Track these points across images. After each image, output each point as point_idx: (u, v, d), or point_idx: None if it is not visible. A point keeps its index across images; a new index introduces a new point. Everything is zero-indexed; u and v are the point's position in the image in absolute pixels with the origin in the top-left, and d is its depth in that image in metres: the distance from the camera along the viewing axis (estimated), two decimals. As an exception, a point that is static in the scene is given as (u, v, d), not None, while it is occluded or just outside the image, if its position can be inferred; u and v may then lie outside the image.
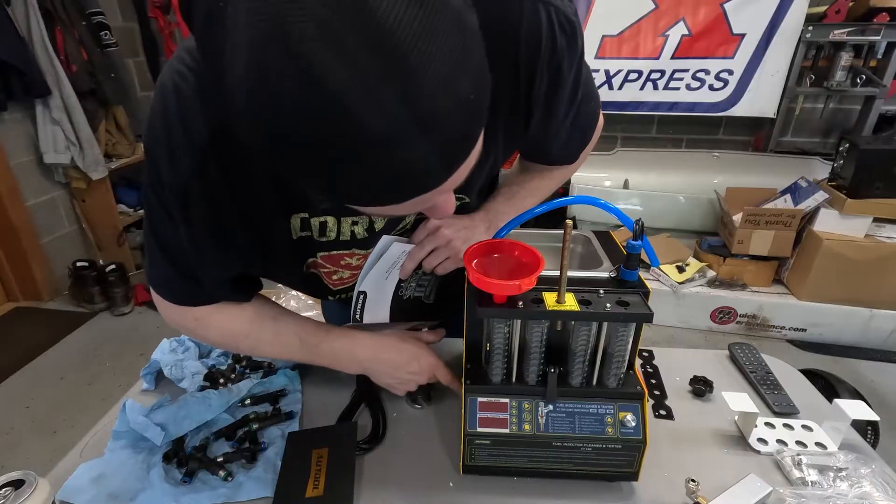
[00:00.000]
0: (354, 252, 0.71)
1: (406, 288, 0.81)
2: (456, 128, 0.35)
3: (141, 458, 0.72)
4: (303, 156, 0.35)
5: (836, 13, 2.49)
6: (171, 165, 0.55)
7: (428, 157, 0.35)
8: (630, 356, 0.64)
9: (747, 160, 2.83)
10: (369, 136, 0.32)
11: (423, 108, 0.32)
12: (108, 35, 2.74)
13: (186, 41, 0.54)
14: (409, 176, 0.36)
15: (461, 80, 0.34)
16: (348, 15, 0.29)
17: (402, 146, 0.33)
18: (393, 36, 0.30)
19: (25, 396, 2.09)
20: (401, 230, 0.73)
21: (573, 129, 0.71)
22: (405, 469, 0.71)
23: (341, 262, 0.72)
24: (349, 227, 0.67)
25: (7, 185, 2.46)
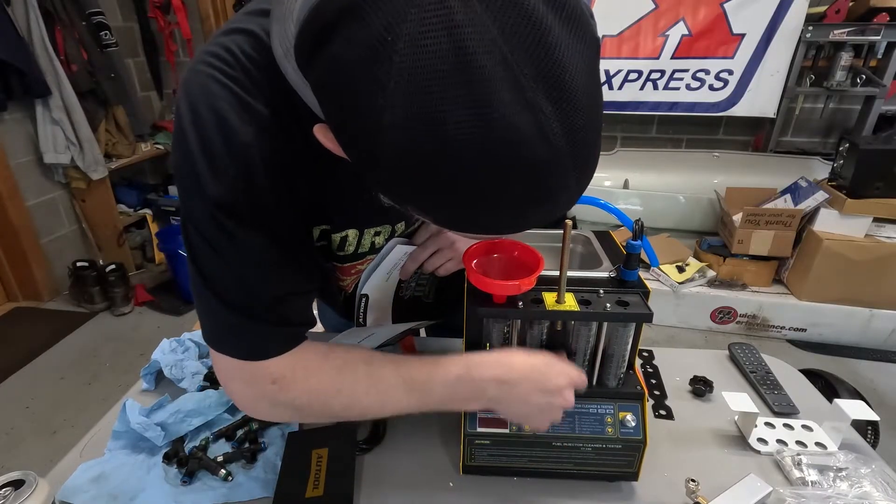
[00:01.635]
0: (368, 258, 0.71)
1: (406, 288, 0.81)
2: (594, 159, 0.38)
3: (141, 458, 0.72)
4: (452, 187, 0.35)
5: (836, 13, 2.49)
6: (216, 177, 0.47)
7: (571, 185, 0.36)
8: (630, 356, 0.64)
9: (747, 160, 2.83)
10: (530, 165, 0.33)
11: (579, 140, 0.34)
12: (108, 35, 2.74)
13: (205, 47, 0.50)
14: (554, 203, 0.37)
15: (600, 110, 0.37)
16: (525, 48, 0.31)
17: (557, 175, 0.35)
18: (565, 71, 0.32)
19: (25, 396, 2.09)
20: (409, 233, 0.73)
21: None
22: (405, 469, 0.71)
23: (352, 271, 0.73)
24: (370, 238, 0.67)
25: (7, 185, 2.46)
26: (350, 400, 0.59)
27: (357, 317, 0.79)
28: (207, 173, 0.47)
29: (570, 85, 0.33)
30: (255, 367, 0.56)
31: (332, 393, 0.58)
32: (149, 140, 3.09)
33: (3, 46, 2.26)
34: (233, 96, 0.47)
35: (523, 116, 0.32)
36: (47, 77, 2.41)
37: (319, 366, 0.59)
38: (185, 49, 3.19)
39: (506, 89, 0.31)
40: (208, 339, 0.56)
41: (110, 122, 2.83)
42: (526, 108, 0.31)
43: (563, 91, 0.32)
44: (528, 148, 0.32)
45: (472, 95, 0.31)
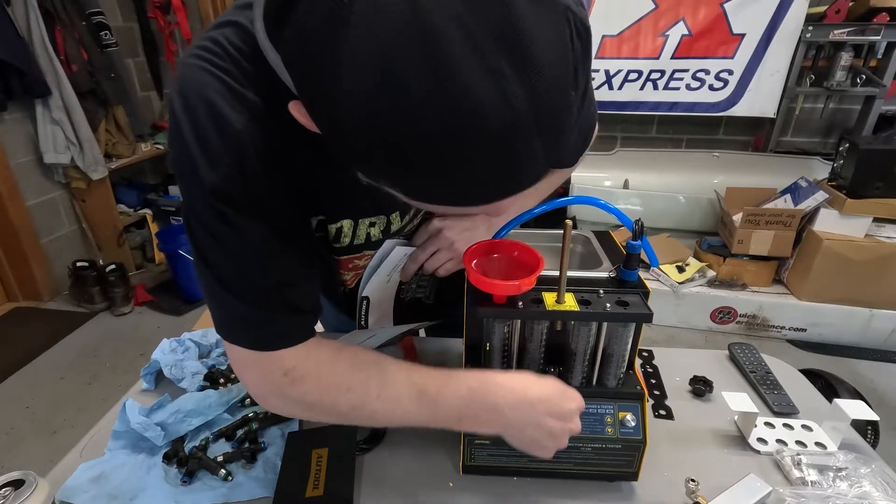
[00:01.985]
0: (365, 254, 0.71)
1: (407, 290, 0.81)
2: (562, 124, 0.37)
3: (141, 458, 0.72)
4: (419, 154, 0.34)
5: (836, 13, 2.49)
6: (211, 166, 0.48)
7: (538, 151, 0.36)
8: (630, 356, 0.64)
9: (747, 160, 2.83)
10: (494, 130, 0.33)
11: (542, 104, 0.34)
12: (108, 35, 2.74)
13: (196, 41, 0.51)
14: (521, 171, 0.37)
15: (568, 77, 0.36)
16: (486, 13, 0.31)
17: (521, 140, 0.34)
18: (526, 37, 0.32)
19: (25, 396, 2.09)
20: (408, 232, 0.73)
21: (579, 132, 0.71)
22: (405, 469, 0.71)
23: (350, 265, 0.73)
24: (365, 230, 0.66)
25: (7, 185, 2.46)
26: (359, 400, 0.58)
27: (359, 319, 0.79)
28: (203, 162, 0.48)
29: (533, 50, 0.32)
30: (267, 357, 0.55)
31: (342, 390, 0.57)
32: (149, 140, 3.09)
33: (3, 46, 2.26)
34: (223, 86, 0.47)
35: (484, 81, 0.31)
36: (47, 77, 2.41)
37: (331, 361, 0.58)
38: (185, 49, 3.19)
39: (466, 55, 0.31)
40: (219, 330, 0.56)
41: (110, 122, 2.84)
42: (487, 74, 0.31)
43: (525, 56, 0.32)
44: (491, 112, 0.32)
45: (431, 60, 0.31)
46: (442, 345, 0.96)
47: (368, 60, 0.32)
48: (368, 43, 0.31)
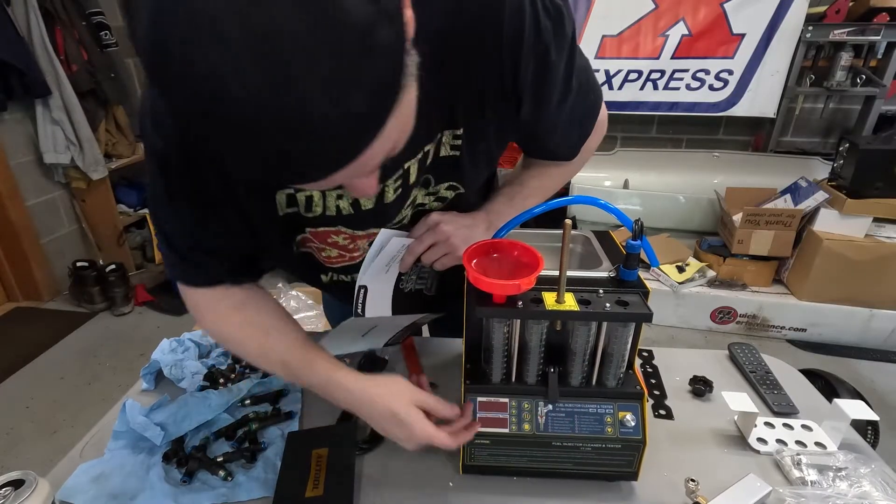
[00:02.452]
0: (341, 230, 0.70)
1: (407, 281, 0.81)
2: (338, 135, 0.36)
3: (141, 458, 0.73)
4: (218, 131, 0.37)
5: (836, 13, 2.49)
6: (156, 130, 0.57)
7: (302, 156, 0.37)
8: (630, 356, 0.64)
9: (747, 160, 2.83)
10: (244, 120, 0.34)
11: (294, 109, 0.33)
12: (108, 35, 2.74)
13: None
14: (285, 168, 0.38)
15: (349, 93, 0.34)
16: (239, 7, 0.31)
17: (277, 139, 0.35)
18: (279, 37, 0.31)
19: (25, 396, 2.09)
20: (398, 223, 0.72)
21: (571, 121, 0.70)
22: (405, 469, 0.71)
23: (328, 239, 0.71)
24: (334, 202, 0.66)
25: (7, 185, 2.46)
26: (242, 351, 0.72)
27: (356, 307, 0.78)
28: (150, 128, 0.58)
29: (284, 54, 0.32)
30: (182, 288, 0.70)
31: (229, 340, 0.72)
32: (149, 140, 3.09)
33: (3, 46, 2.26)
34: None
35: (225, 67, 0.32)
36: (47, 77, 2.41)
37: (228, 314, 0.70)
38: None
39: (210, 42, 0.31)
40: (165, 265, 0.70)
41: (110, 122, 2.83)
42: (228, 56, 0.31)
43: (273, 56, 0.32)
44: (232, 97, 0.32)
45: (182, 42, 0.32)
46: (442, 345, 0.96)
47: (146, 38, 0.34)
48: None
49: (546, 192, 0.81)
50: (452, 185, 0.71)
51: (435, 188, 0.71)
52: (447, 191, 0.72)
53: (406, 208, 0.71)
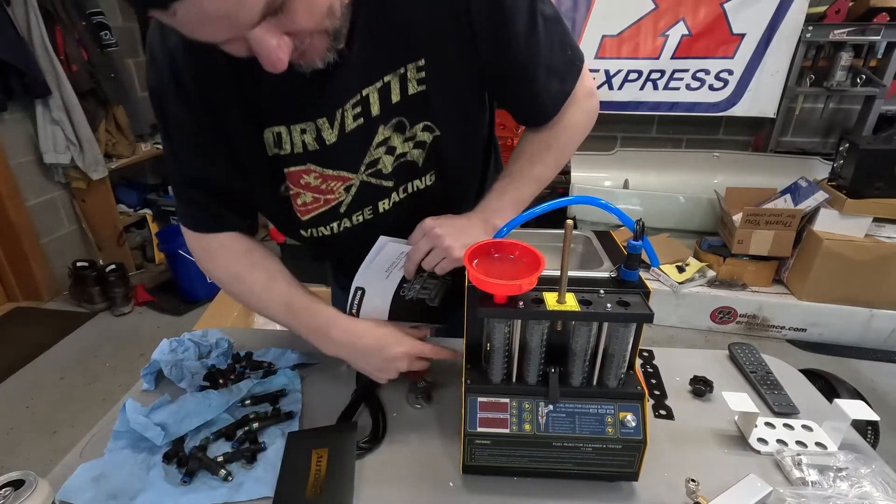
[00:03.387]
0: (310, 168, 0.70)
1: (409, 289, 0.81)
2: None
3: (141, 458, 0.72)
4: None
5: (836, 13, 2.49)
6: (152, 69, 0.65)
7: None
8: (630, 356, 0.64)
9: (747, 160, 2.83)
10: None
11: None
12: (108, 35, 2.74)
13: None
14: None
15: None
16: None
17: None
18: None
19: (25, 396, 2.09)
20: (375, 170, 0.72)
21: (548, 70, 0.71)
22: (405, 469, 0.71)
23: (300, 180, 0.71)
24: (299, 137, 0.68)
25: (7, 185, 2.46)
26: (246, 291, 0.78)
27: (350, 308, 0.78)
28: (148, 65, 0.67)
29: None
30: (191, 236, 0.77)
31: (235, 280, 0.78)
32: (149, 140, 3.09)
33: (3, 46, 2.26)
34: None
35: None
36: (47, 77, 2.41)
37: (238, 254, 0.77)
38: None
39: None
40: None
41: (110, 122, 2.84)
42: None
43: None
44: None
45: None
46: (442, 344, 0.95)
47: None
48: None
49: (539, 181, 0.79)
50: (427, 125, 0.70)
51: (411, 131, 0.70)
52: (423, 133, 0.71)
53: (377, 149, 0.70)
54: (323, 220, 0.76)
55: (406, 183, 0.75)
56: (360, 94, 0.65)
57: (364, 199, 0.74)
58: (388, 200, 0.75)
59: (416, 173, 0.74)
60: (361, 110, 0.67)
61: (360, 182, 0.72)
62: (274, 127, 0.68)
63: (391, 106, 0.67)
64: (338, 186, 0.72)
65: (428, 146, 0.72)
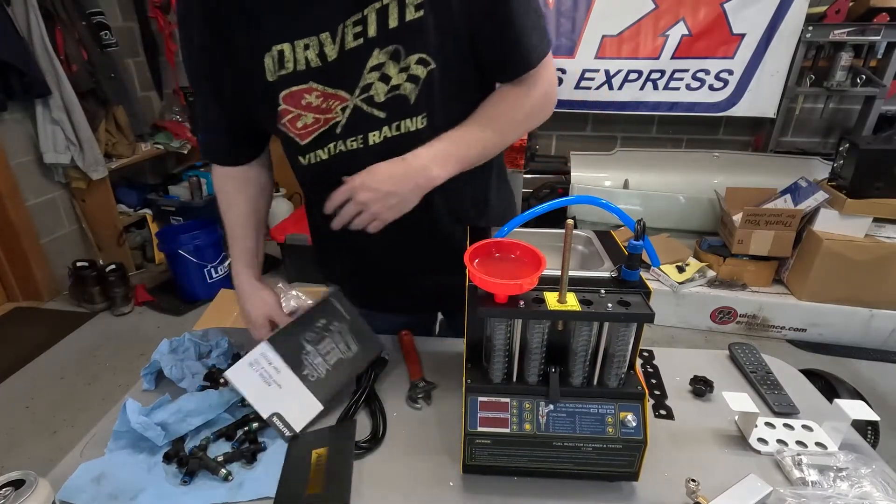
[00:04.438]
0: (312, 86, 0.72)
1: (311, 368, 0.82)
2: None
3: (141, 458, 0.72)
4: None
5: (836, 13, 2.49)
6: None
7: None
8: (631, 356, 0.64)
9: (747, 160, 2.83)
10: None
11: None
12: (108, 35, 2.74)
13: None
14: None
15: None
16: None
17: None
18: None
19: (25, 396, 2.09)
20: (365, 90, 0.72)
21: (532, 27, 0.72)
22: (405, 469, 0.71)
23: (302, 101, 0.73)
24: (302, 53, 0.70)
25: (7, 185, 2.46)
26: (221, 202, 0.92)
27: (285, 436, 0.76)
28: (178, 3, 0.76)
29: None
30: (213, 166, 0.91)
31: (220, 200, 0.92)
32: (149, 140, 3.09)
33: (3, 46, 2.26)
34: None
35: None
36: (47, 77, 2.41)
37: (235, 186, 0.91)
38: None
39: None
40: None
41: (110, 122, 2.83)
42: None
43: None
44: None
45: None
46: (442, 345, 0.96)
47: None
48: None
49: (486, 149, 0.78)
50: (422, 57, 0.71)
51: (405, 61, 0.70)
52: (418, 66, 0.71)
53: (370, 72, 0.71)
54: (321, 142, 0.77)
55: (398, 120, 0.74)
56: (362, 13, 0.68)
57: (356, 125, 0.75)
58: (378, 133, 0.75)
59: (408, 111, 0.74)
60: (361, 30, 0.69)
61: (353, 105, 0.74)
62: (277, 45, 0.70)
63: (388, 30, 0.68)
64: (335, 105, 0.74)
65: (421, 82, 0.72)
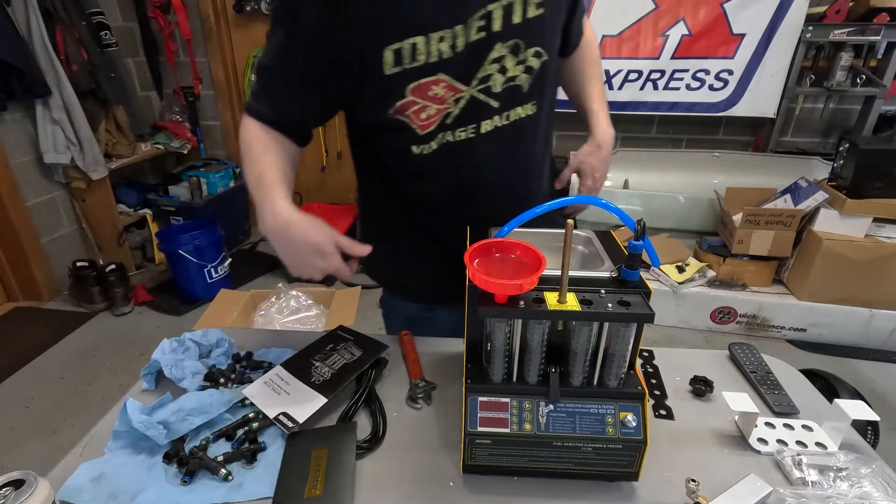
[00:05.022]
0: (440, 78, 0.74)
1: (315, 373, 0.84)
2: None
3: (141, 458, 0.72)
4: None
5: (836, 13, 2.49)
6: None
7: None
8: (631, 356, 0.64)
9: (747, 160, 2.83)
10: None
11: None
12: (108, 35, 2.74)
13: None
14: None
15: None
16: None
17: None
18: None
19: (25, 396, 2.09)
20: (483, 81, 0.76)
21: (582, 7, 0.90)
22: (405, 469, 0.71)
23: (429, 92, 0.75)
24: (436, 46, 0.72)
25: (7, 185, 2.46)
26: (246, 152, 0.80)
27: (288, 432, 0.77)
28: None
29: None
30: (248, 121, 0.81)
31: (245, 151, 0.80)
32: (149, 140, 3.09)
33: (3, 46, 2.26)
34: None
35: None
36: (47, 77, 2.41)
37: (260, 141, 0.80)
38: (185, 49, 3.19)
39: None
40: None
41: (110, 122, 2.83)
42: None
43: None
44: None
45: None
46: (442, 345, 0.96)
47: None
48: None
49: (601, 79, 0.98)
50: (538, 50, 0.78)
51: (524, 54, 0.77)
52: (534, 58, 0.78)
53: (491, 64, 0.76)
54: (434, 133, 0.79)
55: (510, 109, 0.80)
56: (486, 8, 0.72)
57: (469, 115, 0.79)
58: (490, 122, 0.80)
59: (521, 99, 0.80)
60: (485, 24, 0.73)
61: (469, 96, 0.77)
62: (407, 40, 0.71)
63: (511, 25, 0.74)
64: (450, 96, 0.77)
65: (535, 72, 0.79)
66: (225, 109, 3.35)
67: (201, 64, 3.24)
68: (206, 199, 3.10)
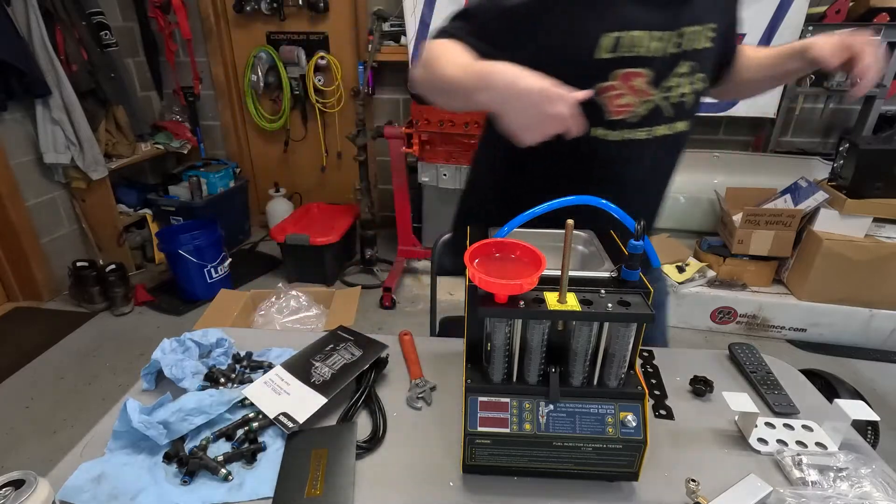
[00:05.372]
0: (642, 72, 0.82)
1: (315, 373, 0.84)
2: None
3: (141, 457, 0.72)
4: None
5: (836, 13, 2.49)
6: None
7: None
8: (631, 356, 0.64)
9: (747, 160, 2.83)
10: None
11: None
12: (108, 35, 2.74)
13: None
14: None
15: None
16: None
17: None
18: None
19: (25, 396, 2.09)
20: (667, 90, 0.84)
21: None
22: (405, 469, 0.71)
23: (632, 81, 0.82)
24: (654, 44, 0.80)
25: (7, 185, 2.46)
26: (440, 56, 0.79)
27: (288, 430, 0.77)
28: None
29: None
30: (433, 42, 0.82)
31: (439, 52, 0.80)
32: (149, 140, 3.09)
33: (3, 46, 2.25)
34: None
35: None
36: (47, 77, 2.41)
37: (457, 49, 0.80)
38: (185, 49, 3.19)
39: None
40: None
41: (110, 122, 2.83)
42: None
43: None
44: None
45: None
46: (442, 344, 0.96)
47: None
48: None
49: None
50: (703, 77, 0.88)
51: (696, 77, 0.87)
52: (700, 83, 0.88)
53: (675, 77, 0.84)
54: (617, 125, 0.85)
55: (676, 122, 0.89)
56: (693, 27, 0.82)
57: (650, 119, 0.86)
58: (663, 128, 0.88)
59: (683, 115, 0.89)
60: (680, 41, 0.82)
61: (657, 101, 0.85)
62: (631, 31, 0.78)
63: (695, 49, 0.84)
64: (642, 96, 0.84)
65: (697, 95, 0.89)
66: (225, 109, 3.34)
67: (201, 64, 3.24)
68: (206, 199, 3.10)
